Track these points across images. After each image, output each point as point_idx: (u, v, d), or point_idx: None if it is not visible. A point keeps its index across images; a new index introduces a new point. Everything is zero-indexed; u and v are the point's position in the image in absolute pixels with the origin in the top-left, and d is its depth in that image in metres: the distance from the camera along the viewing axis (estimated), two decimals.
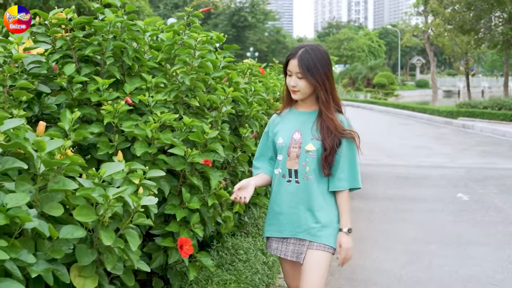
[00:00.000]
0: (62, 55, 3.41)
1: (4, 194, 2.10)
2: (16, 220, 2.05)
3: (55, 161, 2.33)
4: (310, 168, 2.83)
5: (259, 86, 4.39)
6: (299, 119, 2.94)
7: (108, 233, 2.36)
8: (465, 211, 7.58)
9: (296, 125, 2.92)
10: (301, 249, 2.87)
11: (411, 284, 4.86)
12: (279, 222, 2.93)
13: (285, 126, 2.96)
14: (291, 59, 2.83)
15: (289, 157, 2.88)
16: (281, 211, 2.91)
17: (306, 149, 2.84)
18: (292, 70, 2.82)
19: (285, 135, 2.92)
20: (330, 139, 2.81)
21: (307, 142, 2.85)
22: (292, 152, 2.87)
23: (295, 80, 2.82)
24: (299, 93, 2.85)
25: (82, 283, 2.38)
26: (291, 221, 2.88)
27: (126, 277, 2.66)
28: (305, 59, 2.78)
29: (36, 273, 2.11)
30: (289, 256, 2.91)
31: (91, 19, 3.59)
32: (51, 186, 2.35)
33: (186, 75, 3.41)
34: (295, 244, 2.89)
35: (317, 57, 2.80)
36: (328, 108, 2.84)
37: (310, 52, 2.80)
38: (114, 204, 2.38)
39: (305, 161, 2.84)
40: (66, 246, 2.33)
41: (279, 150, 2.93)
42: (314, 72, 2.77)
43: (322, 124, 2.84)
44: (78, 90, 3.23)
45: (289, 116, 3.00)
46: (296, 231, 2.88)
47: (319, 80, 2.79)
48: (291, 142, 2.88)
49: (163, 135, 3.09)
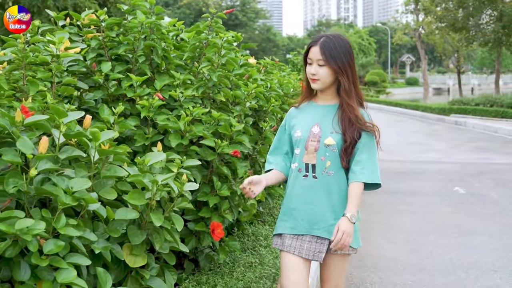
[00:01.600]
0: (96, 54, 3.62)
1: (68, 179, 2.34)
2: (81, 202, 2.28)
3: (109, 150, 2.57)
4: (331, 163, 2.72)
5: (274, 83, 4.64)
6: (319, 112, 2.81)
7: (158, 215, 2.61)
8: (462, 204, 7.86)
9: (316, 118, 2.80)
10: (320, 248, 2.74)
11: (415, 270, 5.12)
12: (294, 218, 2.78)
13: (304, 119, 2.84)
14: (312, 46, 2.73)
15: (306, 151, 2.75)
16: (296, 206, 2.78)
17: (326, 143, 2.72)
18: (313, 57, 2.71)
19: (303, 128, 2.80)
20: (351, 131, 2.70)
21: (327, 135, 2.73)
22: (310, 146, 2.75)
23: (315, 68, 2.70)
24: (319, 82, 2.73)
25: (133, 260, 2.62)
26: (307, 217, 2.75)
27: (168, 256, 2.90)
28: (327, 46, 2.67)
29: (98, 250, 2.36)
30: (303, 253, 2.74)
31: (121, 20, 3.81)
32: (104, 173, 2.59)
33: (213, 72, 3.64)
34: (311, 242, 2.75)
35: (339, 45, 2.70)
36: (349, 97, 2.72)
37: (332, 39, 2.71)
38: (163, 189, 2.63)
39: (325, 156, 2.72)
40: (120, 227, 2.56)
41: (296, 144, 2.81)
42: (337, 58, 2.67)
43: (343, 116, 2.73)
44: (114, 86, 3.45)
45: (307, 109, 2.87)
46: (313, 228, 2.74)
47: (341, 67, 2.68)
48: (310, 135, 2.76)
49: (195, 127, 3.32)
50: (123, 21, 3.82)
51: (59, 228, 2.14)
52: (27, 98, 2.76)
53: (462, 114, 22.34)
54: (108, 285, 2.32)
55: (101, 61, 3.62)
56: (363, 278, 4.88)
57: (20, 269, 2.11)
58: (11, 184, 2.11)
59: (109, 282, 2.34)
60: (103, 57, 3.69)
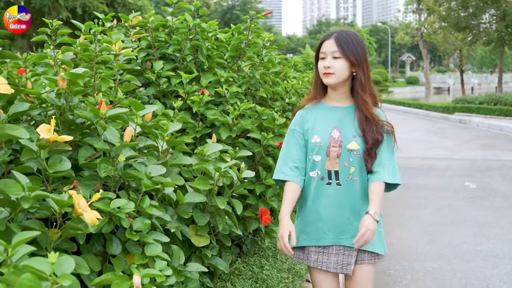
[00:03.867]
0: (145, 54, 3.89)
1: (145, 166, 2.61)
2: (158, 186, 2.55)
3: (176, 141, 2.84)
4: (356, 168, 2.60)
5: (305, 80, 4.92)
6: (335, 115, 2.67)
7: (221, 199, 2.88)
8: (474, 198, 8.13)
9: (333, 122, 2.66)
10: (348, 260, 2.63)
11: (436, 258, 5.39)
12: (319, 230, 2.65)
13: (320, 123, 2.68)
14: (325, 40, 2.62)
15: (328, 158, 2.61)
16: (321, 217, 2.64)
17: (349, 148, 2.59)
18: (327, 50, 2.59)
19: (322, 133, 2.65)
20: (371, 131, 2.58)
21: (349, 140, 2.60)
22: (332, 152, 2.61)
23: (330, 61, 2.57)
24: (333, 76, 2.58)
25: (198, 240, 2.89)
26: (334, 228, 2.63)
27: (225, 238, 3.17)
28: (343, 37, 2.57)
29: (173, 229, 2.63)
30: (331, 267, 2.64)
31: (167, 21, 4.08)
32: (171, 161, 2.86)
33: (255, 70, 3.91)
34: (339, 254, 2.64)
35: (354, 38, 2.60)
36: (365, 92, 2.62)
37: (347, 32, 2.62)
38: (225, 175, 2.90)
39: (348, 161, 2.60)
40: (188, 209, 2.83)
41: (316, 150, 2.64)
42: (353, 50, 2.56)
43: (360, 115, 2.62)
44: (165, 83, 3.72)
45: (321, 111, 2.72)
46: (340, 237, 2.63)
47: (358, 60, 2.57)
48: (330, 141, 2.62)
49: (243, 121, 3.59)
50: (168, 22, 4.09)
51: (145, 208, 2.41)
52: (98, 94, 3.02)
53: (466, 112, 22.64)
54: (181, 260, 2.59)
55: (150, 59, 3.89)
56: (386, 265, 5.14)
57: (113, 244, 2.38)
58: (102, 169, 2.38)
59: (182, 258, 2.62)
60: (151, 56, 3.96)
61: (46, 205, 2.12)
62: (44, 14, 20.20)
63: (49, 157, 2.29)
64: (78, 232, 2.14)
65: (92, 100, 2.79)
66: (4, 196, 1.95)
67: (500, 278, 4.84)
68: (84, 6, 21.75)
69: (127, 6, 23.54)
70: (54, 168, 2.24)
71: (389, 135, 2.66)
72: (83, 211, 2.01)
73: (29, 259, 1.54)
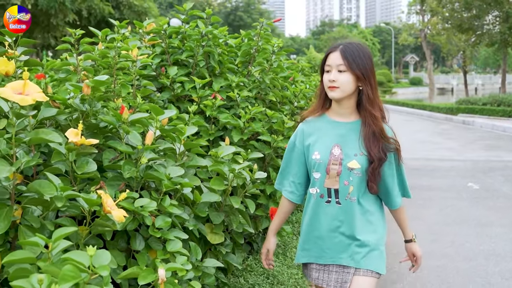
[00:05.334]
0: (160, 60, 4.06)
1: (164, 167, 2.77)
2: (178, 186, 2.71)
3: (193, 143, 3.00)
4: (354, 188, 2.52)
5: (312, 84, 5.09)
6: (337, 131, 2.58)
7: (236, 199, 3.05)
8: (477, 198, 8.28)
9: (334, 139, 2.57)
10: (346, 277, 2.56)
11: (439, 256, 5.55)
12: (318, 247, 2.61)
13: (321, 139, 2.60)
14: (331, 53, 2.53)
15: (328, 175, 2.53)
16: (321, 235, 2.59)
17: (349, 166, 2.50)
18: (332, 63, 2.50)
19: (322, 149, 2.56)
20: (376, 149, 2.50)
21: (350, 158, 2.51)
22: (331, 170, 2.52)
23: (335, 75, 2.47)
24: (338, 90, 2.48)
25: (214, 238, 3.05)
26: (332, 246, 2.57)
27: (238, 235, 3.33)
28: (349, 50, 2.48)
29: (191, 227, 2.80)
30: (332, 285, 2.59)
31: (179, 28, 4.25)
32: (187, 163, 3.02)
33: (265, 75, 4.08)
34: (338, 272, 2.58)
35: (361, 50, 2.51)
36: (373, 107, 2.53)
37: (353, 45, 2.52)
38: (239, 176, 3.06)
39: (348, 180, 2.51)
40: (204, 208, 2.99)
41: (316, 167, 2.57)
42: (360, 63, 2.47)
43: (367, 132, 2.53)
44: (179, 88, 3.88)
45: (323, 126, 2.63)
46: (339, 256, 2.57)
47: (364, 74, 2.48)
48: (330, 158, 2.53)
49: (254, 124, 3.76)
50: (181, 29, 4.25)
51: (166, 207, 2.57)
52: (118, 99, 3.18)
53: (470, 113, 22.78)
54: (199, 256, 2.76)
55: (164, 65, 4.06)
56: (391, 263, 5.29)
57: (136, 241, 2.55)
58: (126, 170, 2.54)
59: (199, 254, 2.78)
60: (165, 62, 4.13)
61: (75, 204, 2.28)
62: (51, 17, 20.43)
63: (76, 159, 2.44)
64: (105, 229, 2.30)
65: (113, 105, 2.95)
66: (38, 196, 2.12)
67: (502, 275, 4.99)
68: (90, 8, 21.93)
69: (133, 8, 23.69)
70: (82, 169, 2.40)
71: (395, 153, 2.58)
72: (111, 209, 2.17)
73: (70, 252, 1.71)
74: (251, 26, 4.53)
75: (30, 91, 2.14)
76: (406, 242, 2.85)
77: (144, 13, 23.71)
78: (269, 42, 4.20)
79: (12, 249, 2.18)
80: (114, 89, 3.22)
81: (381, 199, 2.72)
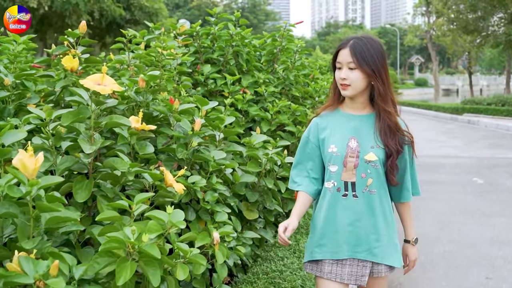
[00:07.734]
0: (194, 58, 4.48)
1: (208, 151, 3.19)
2: (222, 167, 3.13)
3: (231, 131, 3.43)
4: (374, 180, 2.50)
5: (330, 81, 5.51)
6: (352, 124, 2.57)
7: (269, 180, 3.47)
8: (481, 192, 8.68)
9: (350, 131, 2.55)
10: (363, 271, 2.52)
11: (447, 242, 5.96)
12: (335, 242, 2.53)
13: (336, 132, 2.57)
14: (341, 49, 2.49)
15: (345, 168, 2.50)
16: (337, 229, 2.52)
17: (366, 159, 2.48)
18: (342, 61, 2.48)
19: (339, 142, 2.53)
20: (393, 142, 2.50)
21: (367, 151, 2.49)
22: (348, 163, 2.49)
23: (345, 72, 2.46)
24: (350, 87, 2.48)
25: (250, 215, 3.47)
26: (349, 240, 2.51)
27: (269, 214, 3.75)
28: (358, 47, 2.44)
29: (232, 203, 3.22)
30: (345, 279, 2.52)
31: (210, 29, 4.66)
32: (226, 148, 3.44)
33: (290, 72, 4.50)
34: (352, 266, 2.53)
35: (371, 46, 2.46)
36: (386, 103, 2.49)
37: (363, 40, 2.47)
38: (273, 160, 3.48)
39: (366, 173, 2.48)
40: (241, 188, 3.41)
41: (332, 160, 2.53)
42: (369, 60, 2.43)
43: (382, 125, 2.51)
44: (212, 84, 4.31)
45: (337, 120, 2.61)
46: (355, 250, 2.51)
47: (375, 70, 2.44)
48: (348, 151, 2.50)
49: (280, 116, 4.18)
50: (211, 30, 4.68)
51: (213, 183, 2.99)
52: (163, 92, 3.60)
53: (475, 113, 23.17)
54: (239, 228, 3.18)
55: (197, 63, 4.48)
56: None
57: (189, 212, 2.97)
58: (179, 152, 2.96)
59: (239, 226, 3.21)
60: (197, 60, 4.55)
61: (138, 180, 2.70)
62: (65, 18, 20.92)
63: (135, 142, 2.86)
64: (166, 200, 2.72)
65: (161, 97, 3.37)
66: (111, 171, 2.54)
67: (505, 258, 5.40)
68: (102, 9, 22.42)
69: (144, 9, 24.17)
70: (143, 151, 2.82)
71: (409, 146, 2.58)
72: (172, 183, 2.60)
73: (152, 211, 2.13)
74: (257, 27, 4.93)
75: (107, 83, 2.56)
76: (405, 242, 2.73)
77: (155, 14, 24.23)
78: (292, 42, 4.62)
79: (89, 215, 2.60)
80: (160, 83, 3.63)
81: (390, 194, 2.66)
